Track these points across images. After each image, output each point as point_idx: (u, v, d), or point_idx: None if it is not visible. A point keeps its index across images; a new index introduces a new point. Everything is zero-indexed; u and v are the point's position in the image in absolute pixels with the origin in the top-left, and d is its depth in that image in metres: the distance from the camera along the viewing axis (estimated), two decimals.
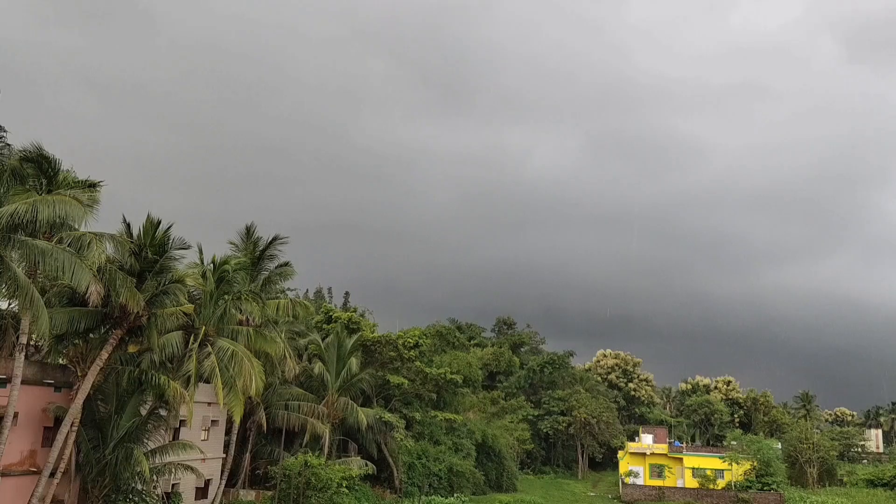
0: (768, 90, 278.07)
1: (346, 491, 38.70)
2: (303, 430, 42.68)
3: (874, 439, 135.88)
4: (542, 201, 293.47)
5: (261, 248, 39.24)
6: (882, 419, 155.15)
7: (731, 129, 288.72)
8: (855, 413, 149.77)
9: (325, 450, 42.92)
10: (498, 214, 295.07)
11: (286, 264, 39.62)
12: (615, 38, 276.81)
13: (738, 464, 65.58)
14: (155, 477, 29.58)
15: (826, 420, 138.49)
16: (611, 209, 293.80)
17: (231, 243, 40.70)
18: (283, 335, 39.58)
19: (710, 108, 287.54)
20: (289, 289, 55.51)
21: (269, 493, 39.38)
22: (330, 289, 73.52)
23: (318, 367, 45.21)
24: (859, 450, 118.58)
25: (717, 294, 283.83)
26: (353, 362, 46.27)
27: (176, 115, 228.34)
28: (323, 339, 47.41)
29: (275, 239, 39.54)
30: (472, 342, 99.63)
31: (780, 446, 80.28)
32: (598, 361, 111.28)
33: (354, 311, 63.50)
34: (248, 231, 40.23)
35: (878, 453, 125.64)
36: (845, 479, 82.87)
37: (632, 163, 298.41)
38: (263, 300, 35.97)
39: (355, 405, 45.60)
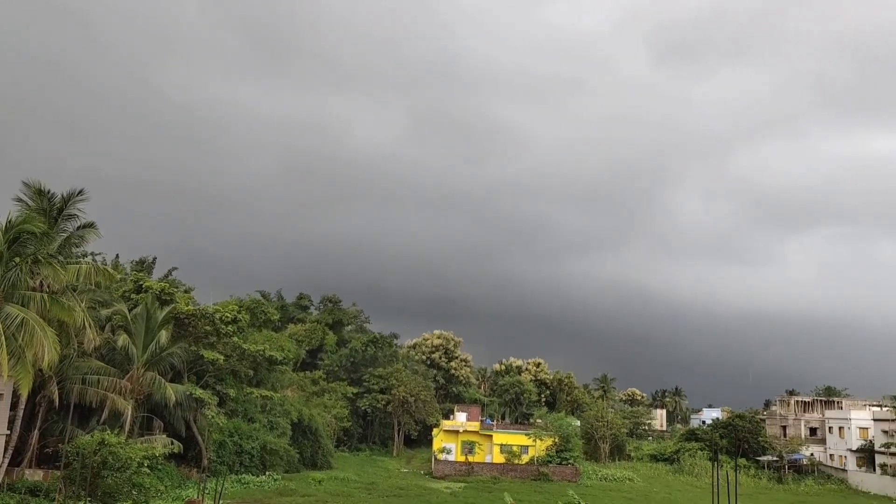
0: (583, 87, 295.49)
1: (148, 471, 36.44)
2: (102, 406, 39.82)
3: (659, 418, 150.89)
4: (365, 175, 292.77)
5: (57, 206, 35.25)
6: (667, 400, 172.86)
7: (549, 121, 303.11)
8: (645, 394, 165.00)
9: (127, 427, 40.32)
10: (320, 186, 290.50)
11: (90, 225, 36.26)
12: (445, 16, 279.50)
13: (541, 440, 69.96)
14: None
15: (620, 400, 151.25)
16: (433, 189, 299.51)
17: (17, 200, 35.01)
18: (83, 304, 36.39)
19: (531, 98, 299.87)
20: (93, 253, 51.32)
21: (60, 472, 36.30)
22: (154, 259, 68.47)
23: (122, 339, 42.14)
24: (646, 428, 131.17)
25: (529, 279, 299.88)
26: (164, 335, 43.66)
27: None
28: (131, 310, 44.29)
29: (73, 195, 35.14)
30: (292, 318, 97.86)
31: (579, 424, 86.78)
32: (426, 340, 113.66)
33: (170, 282, 59.96)
34: (41, 187, 35.26)
35: (662, 431, 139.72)
36: (633, 454, 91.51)
37: (455, 144, 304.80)
38: (63, 264, 32.88)
39: (163, 380, 43.15)
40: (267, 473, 50.52)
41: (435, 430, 78.52)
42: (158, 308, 44.92)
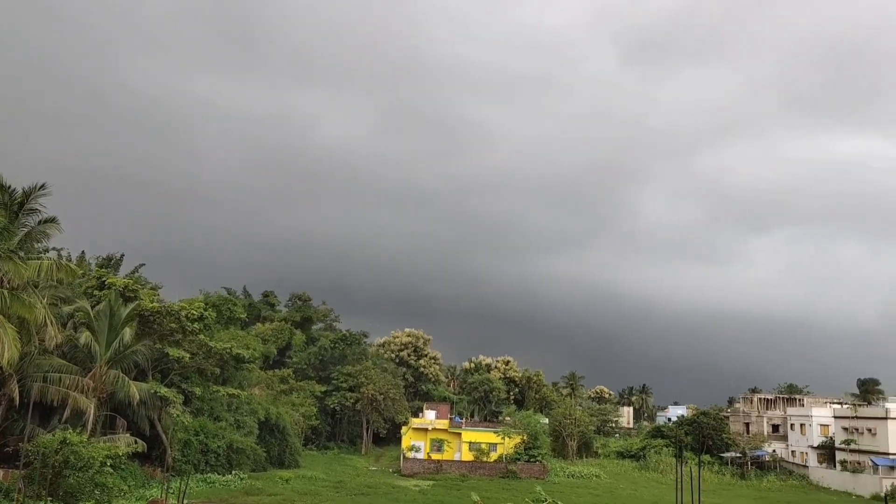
0: (553, 85, 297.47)
1: (111, 470, 35.80)
2: (64, 405, 39.02)
3: (626, 416, 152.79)
4: (334, 172, 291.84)
5: (18, 200, 34.36)
6: (633, 398, 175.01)
7: (517, 119, 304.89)
8: (612, 392, 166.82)
9: (89, 426, 39.57)
10: (288, 182, 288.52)
11: (52, 220, 35.43)
12: (415, 13, 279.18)
13: (509, 438, 70.29)
14: None
15: (588, 397, 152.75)
16: (402, 186, 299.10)
17: None
18: (45, 300, 35.63)
19: (500, 96, 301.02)
20: (56, 248, 50.35)
21: (21, 472, 35.49)
22: (122, 255, 67.16)
23: (85, 336, 41.32)
24: (613, 425, 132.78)
25: (499, 277, 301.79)
26: (128, 333, 42.89)
27: None
28: (93, 307, 43.46)
29: (35, 189, 34.10)
30: (259, 316, 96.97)
31: (547, 421, 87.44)
32: (395, 338, 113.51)
33: (136, 279, 58.94)
34: (1, 181, 34.35)
35: (629, 428, 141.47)
36: (600, 451, 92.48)
37: (424, 141, 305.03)
38: (24, 260, 32.13)
39: (127, 379, 42.42)
40: (233, 472, 50.02)
41: (404, 428, 78.46)
42: (122, 305, 44.14)
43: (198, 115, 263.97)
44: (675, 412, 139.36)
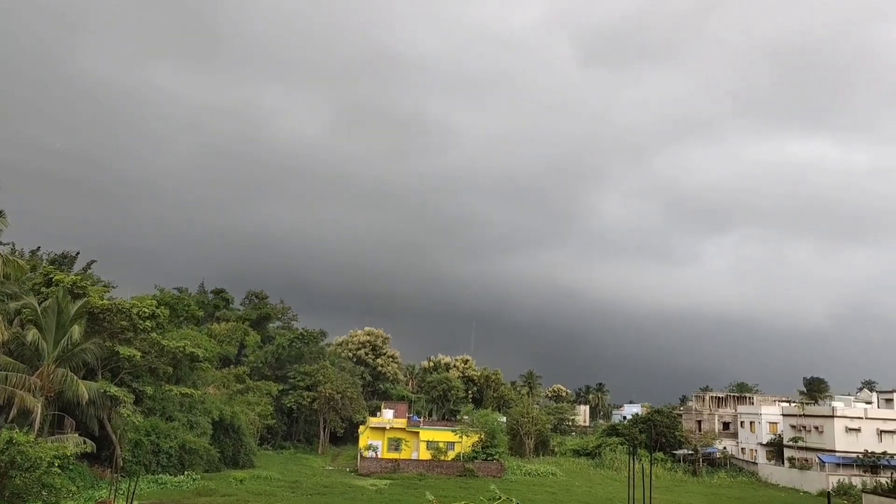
0: (514, 84, 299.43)
1: (59, 471, 34.84)
2: (10, 404, 37.89)
3: (583, 414, 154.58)
4: (292, 167, 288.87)
5: None
6: (590, 396, 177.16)
7: (478, 118, 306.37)
8: (569, 390, 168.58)
9: (36, 426, 38.46)
10: (246, 176, 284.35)
11: None
12: (376, 9, 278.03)
13: (467, 436, 70.51)
14: None
15: (546, 396, 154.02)
16: (361, 183, 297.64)
17: None
18: None
19: (460, 94, 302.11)
20: (2, 243, 48.81)
21: None
22: (77, 253, 65.46)
23: (32, 333, 40.15)
24: (570, 423, 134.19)
25: (458, 275, 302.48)
26: (77, 331, 41.80)
27: None
28: (40, 304, 42.26)
29: None
30: (213, 315, 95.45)
31: (505, 420, 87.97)
32: (354, 337, 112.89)
33: (87, 276, 57.48)
34: None
35: (585, 426, 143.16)
36: (556, 449, 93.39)
37: (384, 138, 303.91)
38: None
39: (76, 377, 41.36)
40: (186, 473, 49.14)
41: (361, 428, 78.09)
42: (70, 302, 43.04)
43: (153, 105, 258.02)
44: (631, 410, 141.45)
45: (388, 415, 79.59)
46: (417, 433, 76.05)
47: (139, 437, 47.99)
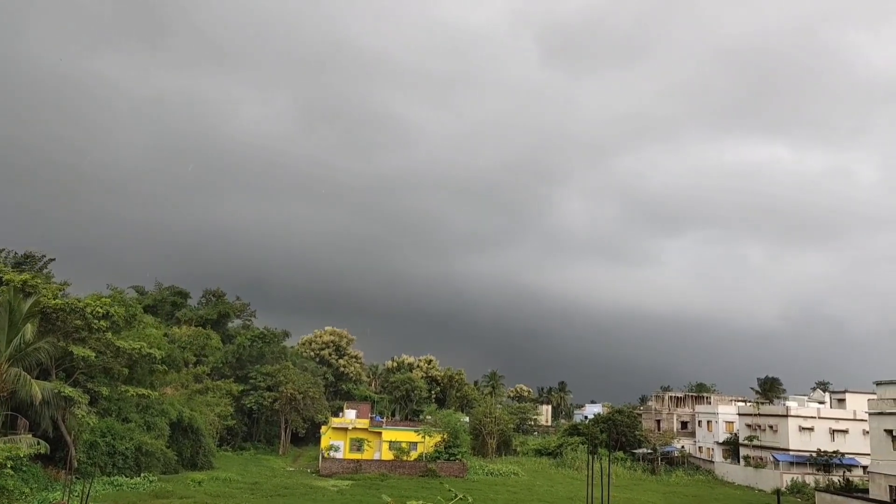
0: (475, 83, 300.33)
1: (12, 472, 34.16)
2: None
3: (545, 414, 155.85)
4: (249, 164, 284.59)
5: None
6: (552, 396, 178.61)
7: (439, 116, 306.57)
8: (532, 390, 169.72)
9: None
10: (202, 170, 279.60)
11: None
12: (336, 5, 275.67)
13: (430, 436, 70.48)
14: None
15: (509, 396, 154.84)
16: (321, 181, 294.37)
17: None
18: None
19: (421, 92, 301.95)
20: None
21: None
22: (44, 256, 63.84)
23: None
24: (532, 423, 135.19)
25: (421, 275, 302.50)
26: (30, 330, 40.86)
27: None
28: None
29: None
30: (171, 314, 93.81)
31: (467, 420, 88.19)
32: (317, 336, 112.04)
33: (44, 275, 56.09)
34: None
35: (547, 426, 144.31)
36: (519, 449, 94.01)
37: (343, 135, 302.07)
38: None
39: (29, 377, 40.39)
40: (142, 475, 48.28)
41: (323, 428, 77.56)
42: (22, 301, 42.01)
43: (103, 96, 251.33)
44: (592, 410, 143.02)
45: (350, 415, 79.21)
46: (380, 433, 75.81)
47: (94, 439, 47.06)
